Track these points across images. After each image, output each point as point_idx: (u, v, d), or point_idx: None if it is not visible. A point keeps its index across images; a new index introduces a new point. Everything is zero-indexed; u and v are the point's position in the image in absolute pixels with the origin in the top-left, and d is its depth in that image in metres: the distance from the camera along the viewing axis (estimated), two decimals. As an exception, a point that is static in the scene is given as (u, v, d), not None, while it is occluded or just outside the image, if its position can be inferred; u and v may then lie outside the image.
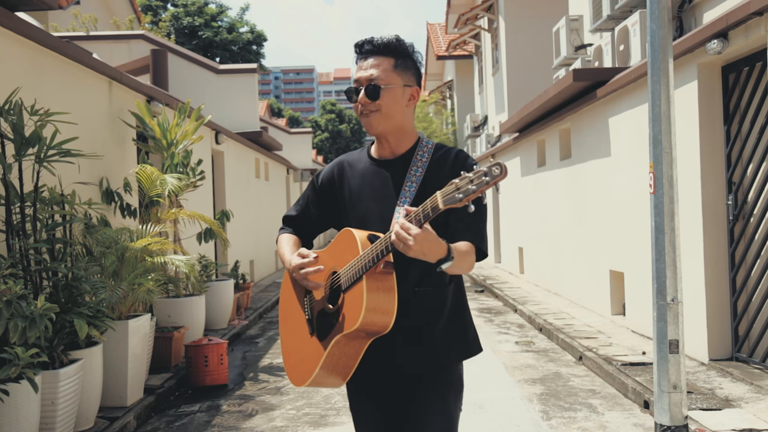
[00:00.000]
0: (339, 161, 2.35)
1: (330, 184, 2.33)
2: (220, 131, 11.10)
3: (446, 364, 2.19)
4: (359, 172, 2.26)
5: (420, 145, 2.22)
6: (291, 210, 2.46)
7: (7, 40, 4.98)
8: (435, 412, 2.17)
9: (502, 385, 6.02)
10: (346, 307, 2.05)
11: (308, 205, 2.40)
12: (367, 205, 2.20)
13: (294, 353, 2.27)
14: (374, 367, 2.17)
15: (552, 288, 11.34)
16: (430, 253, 1.90)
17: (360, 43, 2.21)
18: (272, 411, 5.45)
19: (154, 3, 29.80)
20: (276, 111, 55.44)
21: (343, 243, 2.12)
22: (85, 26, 13.41)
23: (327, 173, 2.35)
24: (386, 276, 2.02)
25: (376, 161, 2.26)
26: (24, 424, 3.76)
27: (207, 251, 10.00)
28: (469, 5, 20.84)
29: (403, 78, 2.18)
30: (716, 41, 5.51)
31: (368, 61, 2.18)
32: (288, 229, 2.44)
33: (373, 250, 1.98)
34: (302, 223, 2.42)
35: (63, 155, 4.78)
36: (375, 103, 2.15)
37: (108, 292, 4.93)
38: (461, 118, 25.35)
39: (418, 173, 2.16)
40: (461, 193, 1.78)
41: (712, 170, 6.03)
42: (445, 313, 2.18)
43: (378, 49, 2.18)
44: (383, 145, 2.24)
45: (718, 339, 6.01)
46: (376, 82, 2.15)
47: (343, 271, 2.08)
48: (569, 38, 10.30)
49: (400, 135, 2.22)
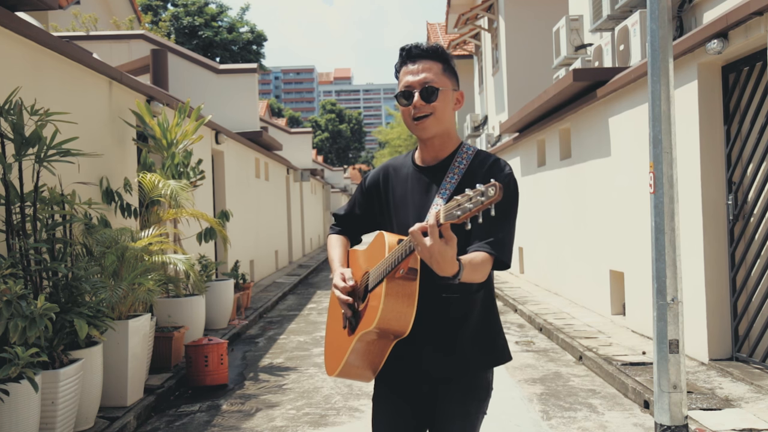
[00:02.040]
0: (385, 166, 2.38)
1: (375, 187, 2.36)
2: (220, 131, 11.10)
3: (473, 370, 2.19)
4: (403, 178, 2.28)
5: (460, 151, 2.20)
6: (341, 209, 2.51)
7: (7, 40, 4.98)
8: (457, 418, 2.17)
9: (502, 385, 6.02)
10: (368, 306, 2.10)
11: (355, 206, 2.44)
12: (408, 211, 2.22)
13: (330, 344, 2.37)
14: (402, 369, 2.19)
15: (552, 288, 11.34)
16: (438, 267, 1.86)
17: (408, 48, 2.20)
18: (272, 411, 5.45)
19: (154, 3, 29.80)
20: (276, 111, 55.44)
21: (375, 245, 2.16)
22: (85, 26, 13.41)
23: (373, 177, 2.38)
24: (407, 282, 2.02)
25: (419, 167, 2.26)
26: (24, 424, 3.76)
27: (207, 251, 10.00)
28: (469, 5, 20.84)
29: (452, 82, 2.19)
30: (716, 41, 5.51)
31: (418, 65, 2.17)
32: (337, 228, 2.49)
33: (394, 254, 1.99)
34: (349, 223, 2.48)
35: (63, 155, 4.78)
36: (431, 105, 2.14)
37: (108, 292, 4.93)
38: (461, 118, 25.35)
39: (453, 180, 2.14)
40: (460, 210, 1.75)
41: (712, 170, 6.03)
42: (473, 319, 2.17)
43: (427, 54, 2.18)
44: (428, 150, 2.23)
45: (718, 339, 6.00)
46: (432, 84, 2.14)
47: (372, 272, 2.13)
48: (569, 38, 10.31)
49: (445, 139, 2.21)
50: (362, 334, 2.09)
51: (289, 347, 8.03)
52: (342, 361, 2.19)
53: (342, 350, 2.21)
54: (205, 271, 8.46)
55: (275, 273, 16.50)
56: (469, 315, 2.16)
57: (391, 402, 2.27)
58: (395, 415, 2.26)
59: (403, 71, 2.21)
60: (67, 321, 4.41)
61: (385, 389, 2.30)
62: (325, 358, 2.40)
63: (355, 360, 2.17)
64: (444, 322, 2.14)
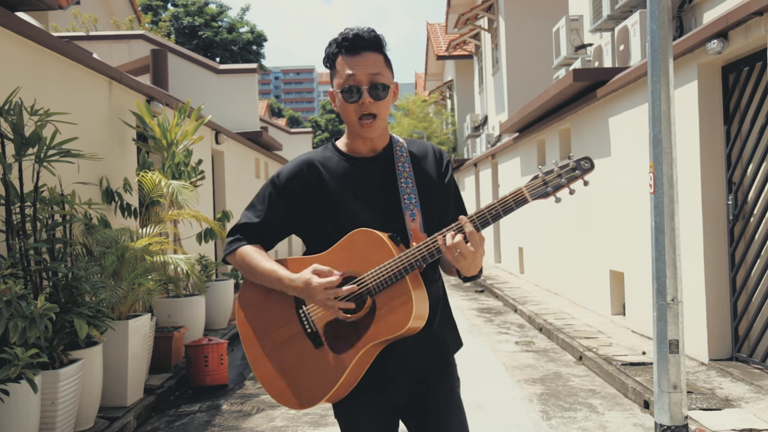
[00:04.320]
0: (306, 159, 2.10)
1: (300, 184, 2.07)
2: (220, 131, 11.10)
3: (447, 357, 2.16)
4: (335, 171, 2.07)
5: (393, 140, 2.13)
6: (247, 217, 2.14)
7: (7, 40, 4.98)
8: (452, 405, 2.14)
9: (502, 385, 6.02)
10: (382, 311, 1.91)
11: (272, 210, 2.11)
12: (357, 205, 2.03)
13: (285, 374, 2.02)
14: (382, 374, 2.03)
15: (552, 288, 11.34)
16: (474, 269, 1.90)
17: (351, 37, 2.00)
18: (272, 411, 5.45)
19: (154, 3, 29.80)
20: (276, 111, 55.42)
21: (360, 244, 1.95)
22: (85, 26, 13.42)
23: (294, 171, 2.09)
24: (419, 276, 1.96)
25: (353, 159, 2.09)
26: (24, 424, 3.75)
27: (207, 251, 10.00)
28: (469, 5, 20.85)
29: (392, 74, 2.06)
30: (716, 41, 5.51)
31: (361, 57, 1.99)
32: (244, 242, 2.13)
33: (421, 250, 1.90)
34: (265, 232, 2.13)
35: (63, 155, 4.78)
36: (377, 104, 2.00)
37: (108, 292, 4.93)
38: (461, 118, 25.36)
39: (406, 169, 2.07)
40: (551, 186, 1.80)
41: (712, 170, 6.03)
42: (440, 307, 2.14)
43: (370, 45, 2.01)
44: (364, 143, 2.08)
45: (718, 339, 6.00)
46: (379, 80, 2.00)
47: (370, 274, 1.92)
48: (569, 38, 10.31)
49: (383, 132, 2.10)
50: (377, 342, 1.92)
51: (289, 347, 8.02)
52: (335, 384, 1.94)
53: (327, 372, 1.95)
54: (205, 271, 8.46)
55: (275, 273, 16.47)
56: (437, 302, 2.12)
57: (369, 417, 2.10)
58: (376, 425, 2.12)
59: (341, 62, 2.01)
60: (67, 321, 4.41)
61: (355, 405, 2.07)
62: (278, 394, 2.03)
63: (350, 378, 1.95)
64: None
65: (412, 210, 2.02)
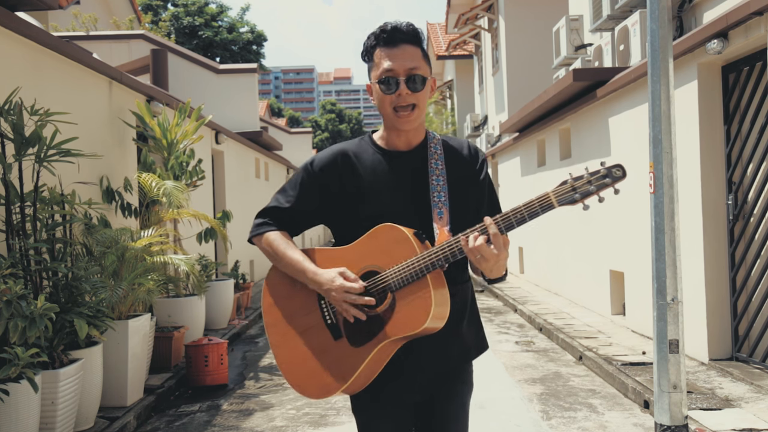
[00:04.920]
0: (341, 149, 2.11)
1: (332, 172, 2.07)
2: (220, 131, 11.10)
3: (467, 361, 2.16)
4: (369, 164, 2.07)
5: (429, 136, 2.12)
6: (277, 201, 2.14)
7: (7, 40, 4.98)
8: (460, 412, 2.14)
9: (502, 385, 6.02)
10: (401, 308, 1.91)
11: (303, 196, 2.10)
12: (385, 199, 2.03)
13: (304, 363, 2.04)
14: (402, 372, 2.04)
15: (552, 288, 11.34)
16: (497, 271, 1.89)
17: (389, 30, 2.02)
18: (272, 411, 5.45)
19: (154, 3, 29.80)
20: (276, 111, 55.43)
21: (384, 239, 1.95)
22: (85, 26, 13.41)
23: (328, 160, 2.09)
24: (442, 276, 1.93)
25: (388, 152, 2.09)
26: (24, 424, 3.75)
27: (207, 251, 10.00)
28: (469, 5, 20.84)
29: (429, 67, 2.07)
30: (716, 41, 5.51)
31: (399, 49, 2.00)
32: (272, 226, 2.14)
33: (446, 250, 1.88)
34: (293, 217, 2.13)
35: (63, 155, 4.78)
36: (415, 95, 2.00)
37: (108, 292, 4.93)
38: (461, 118, 25.34)
39: (439, 166, 2.05)
40: (579, 193, 1.75)
41: (712, 170, 6.03)
42: (467, 310, 2.13)
43: (409, 37, 2.02)
44: (399, 137, 2.08)
45: (718, 339, 6.00)
46: (417, 72, 2.00)
47: (393, 270, 1.92)
48: (569, 38, 10.31)
49: (419, 126, 2.09)
50: (395, 339, 1.91)
51: (289, 347, 8.02)
52: (350, 377, 1.94)
53: (343, 365, 1.96)
54: (205, 271, 8.46)
55: (275, 273, 16.47)
56: (465, 305, 2.12)
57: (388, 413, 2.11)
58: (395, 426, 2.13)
59: (379, 54, 2.03)
60: (67, 321, 4.41)
61: (372, 401, 2.09)
62: (294, 382, 2.06)
63: (366, 372, 1.95)
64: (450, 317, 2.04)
65: (441, 208, 2.01)
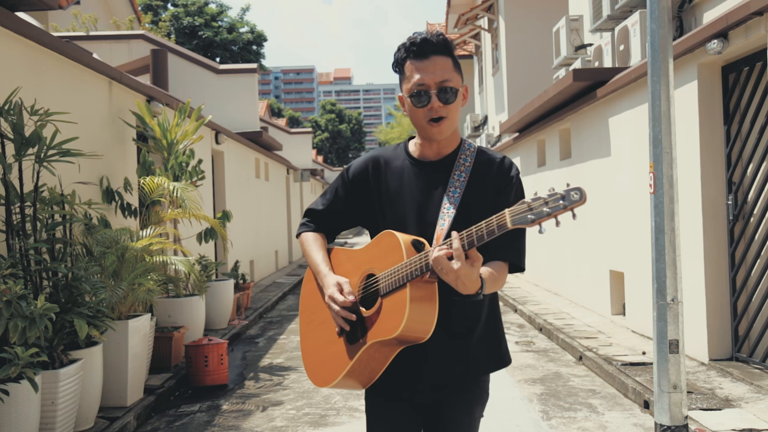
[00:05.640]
0: (374, 156, 2.18)
1: (363, 179, 2.16)
2: (220, 131, 11.10)
3: (477, 374, 2.14)
4: (397, 171, 2.12)
5: (462, 148, 2.11)
6: (317, 203, 2.27)
7: (7, 40, 4.98)
8: (465, 424, 2.13)
9: (502, 385, 6.02)
10: (384, 313, 1.95)
11: (336, 200, 2.22)
12: (406, 206, 2.08)
13: (316, 352, 2.17)
14: (402, 375, 2.06)
15: (552, 288, 11.34)
16: (463, 288, 1.83)
17: (419, 42, 2.01)
18: (272, 411, 5.45)
19: (154, 3, 29.80)
20: (276, 111, 55.43)
21: (383, 245, 2.01)
22: (85, 26, 13.41)
23: (360, 167, 2.17)
24: (430, 285, 1.93)
25: (418, 161, 2.12)
26: (24, 424, 3.76)
27: (207, 251, 10.00)
28: (469, 5, 20.84)
29: (461, 77, 2.06)
30: (716, 41, 5.51)
31: (430, 61, 2.01)
32: (311, 226, 2.27)
33: (421, 259, 1.88)
34: (328, 219, 2.26)
35: (63, 155, 4.78)
36: (447, 108, 2.00)
37: (108, 292, 4.93)
38: (461, 118, 25.35)
39: (462, 178, 2.05)
40: (533, 214, 1.69)
41: (712, 170, 6.03)
42: (481, 323, 2.11)
43: (439, 48, 2.02)
44: (432, 146, 2.09)
45: (718, 339, 6.00)
46: (449, 84, 2.00)
47: (383, 275, 1.97)
48: (569, 38, 10.31)
49: (451, 137, 2.09)
50: (375, 342, 1.96)
51: (289, 347, 8.03)
52: (342, 372, 2.04)
53: (338, 360, 2.07)
54: (205, 272, 8.46)
55: (275, 273, 16.50)
56: (478, 318, 2.10)
57: (390, 412, 2.15)
58: (396, 425, 2.16)
59: (410, 66, 2.03)
60: (67, 321, 4.41)
61: (379, 399, 2.16)
62: (306, 367, 2.22)
63: (357, 369, 2.03)
64: (455, 326, 2.05)
65: (444, 220, 2.00)
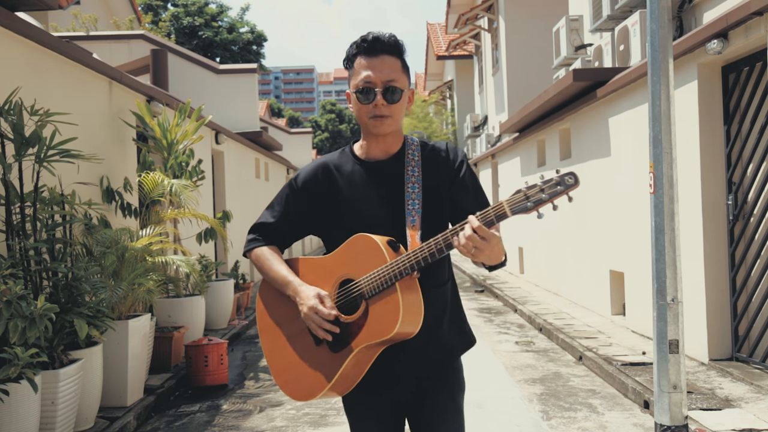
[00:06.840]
0: (322, 163, 2.18)
1: (314, 187, 2.15)
2: (220, 131, 11.10)
3: (451, 358, 2.17)
4: (349, 175, 2.13)
5: (407, 143, 2.15)
6: (265, 217, 2.22)
7: (7, 40, 4.98)
8: (449, 412, 2.15)
9: (502, 385, 6.02)
10: (373, 316, 1.96)
11: (287, 211, 2.19)
12: (368, 209, 2.09)
13: (292, 367, 2.12)
14: (381, 372, 2.08)
15: (552, 288, 11.34)
16: (496, 258, 1.93)
17: (370, 40, 2.06)
18: (272, 411, 5.45)
19: (154, 3, 29.80)
20: (276, 111, 55.43)
21: (358, 249, 2.01)
22: (85, 26, 13.41)
23: (309, 175, 2.17)
24: (413, 281, 1.97)
25: (366, 163, 2.14)
26: (24, 424, 3.76)
27: (207, 251, 10.00)
28: (469, 5, 20.85)
29: (408, 79, 2.10)
30: (716, 41, 5.51)
31: (379, 59, 2.05)
32: (261, 242, 2.21)
33: (411, 258, 1.91)
34: (279, 231, 2.21)
35: (63, 155, 4.78)
36: (390, 107, 2.05)
37: (108, 292, 4.93)
38: (461, 118, 25.35)
39: (416, 173, 2.08)
40: (531, 201, 1.78)
41: (712, 170, 6.03)
42: (447, 310, 2.16)
43: (389, 48, 2.06)
44: (378, 145, 2.13)
45: (718, 339, 6.00)
46: (395, 84, 2.05)
47: (364, 279, 1.98)
48: (569, 38, 10.30)
49: (396, 135, 2.14)
50: (364, 347, 1.96)
51: (289, 347, 8.02)
52: (330, 381, 2.01)
53: (323, 370, 2.03)
54: (206, 272, 8.46)
55: (275, 273, 16.47)
56: (445, 306, 2.15)
57: (372, 411, 2.17)
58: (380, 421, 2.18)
59: (360, 63, 2.07)
60: (67, 321, 4.41)
61: (359, 397, 2.16)
62: (282, 385, 2.15)
63: (344, 376, 2.01)
64: (428, 316, 2.06)
65: (414, 216, 2.04)
